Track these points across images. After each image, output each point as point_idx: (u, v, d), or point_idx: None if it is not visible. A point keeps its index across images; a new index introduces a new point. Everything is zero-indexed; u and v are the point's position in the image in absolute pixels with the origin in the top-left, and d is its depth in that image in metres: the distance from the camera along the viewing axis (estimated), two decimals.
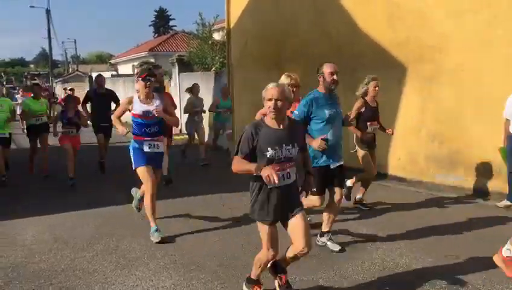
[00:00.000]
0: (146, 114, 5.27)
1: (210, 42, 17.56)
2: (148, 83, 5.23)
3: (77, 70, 45.80)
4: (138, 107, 5.29)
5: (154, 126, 5.38)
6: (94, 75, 30.77)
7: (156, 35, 60.84)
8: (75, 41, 58.92)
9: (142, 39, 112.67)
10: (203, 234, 5.53)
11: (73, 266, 4.61)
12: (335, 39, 9.37)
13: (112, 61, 44.75)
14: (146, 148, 5.35)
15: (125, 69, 36.64)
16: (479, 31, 7.16)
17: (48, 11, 41.61)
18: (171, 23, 71.14)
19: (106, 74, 32.51)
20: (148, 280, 4.27)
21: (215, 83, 13.95)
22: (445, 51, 7.60)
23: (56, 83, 41.15)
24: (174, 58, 16.84)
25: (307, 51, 9.96)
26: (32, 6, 48.76)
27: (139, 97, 5.33)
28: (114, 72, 36.43)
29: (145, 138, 5.36)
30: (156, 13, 71.91)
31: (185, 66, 16.49)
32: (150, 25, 72.35)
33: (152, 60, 25.00)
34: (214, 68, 15.89)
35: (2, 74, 55.40)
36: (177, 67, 16.39)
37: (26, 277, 4.38)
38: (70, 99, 9.13)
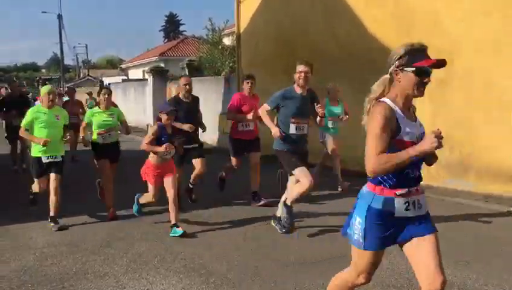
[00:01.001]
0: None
1: (220, 47, 17.68)
2: (427, 79, 2.66)
3: (88, 75, 46.26)
4: (406, 128, 2.62)
5: (418, 166, 2.71)
6: (105, 79, 31.11)
7: (166, 40, 61.23)
8: (86, 46, 59.40)
9: (153, 44, 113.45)
10: (213, 239, 5.54)
11: (85, 270, 4.65)
12: (345, 43, 9.39)
13: (123, 66, 45.10)
14: (403, 209, 2.64)
15: (136, 74, 36.90)
16: (490, 35, 7.13)
17: (59, 16, 42.09)
18: (181, 28, 71.69)
19: (117, 79, 32.87)
20: (159, 283, 4.29)
21: (224, 88, 14.01)
22: (456, 55, 7.57)
23: (67, 87, 41.51)
24: (184, 63, 16.96)
25: (318, 54, 9.97)
26: (45, 12, 49.51)
27: (400, 109, 2.66)
28: (124, 77, 36.71)
29: (403, 191, 2.62)
30: (166, 18, 72.44)
31: (195, 70, 16.58)
32: (160, 30, 72.99)
33: (162, 65, 25.17)
34: (223, 73, 15.97)
35: (14, 78, 56.01)
36: (187, 72, 16.49)
37: (38, 280, 4.43)
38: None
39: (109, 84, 27.96)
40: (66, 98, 14.52)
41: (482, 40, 7.20)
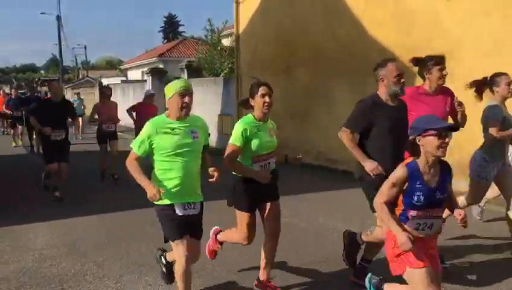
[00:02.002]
0: None
1: (219, 48, 17.67)
2: None
3: (87, 76, 46.20)
4: None
5: None
6: (104, 80, 31.06)
7: (165, 41, 61.23)
8: (85, 47, 59.23)
9: (152, 45, 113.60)
10: None
11: (84, 271, 4.63)
12: (345, 43, 9.38)
13: (122, 67, 45.10)
14: None
15: (135, 75, 36.89)
16: (490, 35, 7.12)
17: (58, 18, 42.03)
18: (180, 29, 71.66)
19: (116, 80, 32.84)
20: (158, 285, 4.27)
21: (224, 89, 14.00)
22: (456, 56, 7.56)
23: (66, 88, 41.51)
24: (183, 64, 16.94)
25: (317, 55, 9.97)
26: (43, 13, 49.41)
27: None
28: (123, 78, 36.68)
29: None
30: (165, 19, 72.46)
31: (194, 71, 16.59)
32: (159, 31, 72.94)
33: (161, 66, 25.18)
34: (222, 74, 15.97)
35: (13, 79, 56.01)
36: (186, 73, 16.48)
37: (37, 281, 4.41)
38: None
39: (108, 85, 27.87)
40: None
41: (482, 40, 7.19)
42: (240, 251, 5.10)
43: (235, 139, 3.82)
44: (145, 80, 20.78)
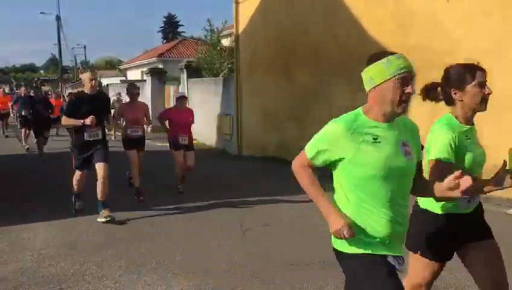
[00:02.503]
0: None
1: (218, 48, 17.66)
2: None
3: None
4: None
5: None
6: (103, 80, 31.05)
7: (165, 41, 61.21)
8: (84, 47, 59.19)
9: (151, 45, 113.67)
10: (211, 241, 5.51)
11: (83, 271, 4.62)
12: (345, 43, 9.37)
13: (121, 67, 45.07)
14: None
15: (134, 75, 36.86)
16: (490, 35, 7.11)
17: (58, 18, 42.06)
18: (179, 29, 71.63)
19: (115, 80, 32.83)
20: (157, 285, 4.26)
21: (223, 89, 13.99)
22: (456, 56, 7.54)
23: (66, 88, 41.50)
24: (182, 64, 16.94)
25: (317, 55, 9.96)
26: (43, 13, 49.41)
27: None
28: (123, 78, 36.64)
29: None
30: (165, 19, 72.46)
31: (194, 71, 16.59)
32: (158, 31, 72.91)
33: (161, 66, 25.17)
34: (222, 74, 15.96)
35: (12, 79, 56.04)
36: (185, 73, 16.48)
37: (36, 281, 4.39)
38: None
39: (107, 85, 27.82)
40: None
41: (482, 40, 7.19)
42: (240, 251, 5.07)
43: (441, 152, 2.58)
44: (145, 80, 20.78)
